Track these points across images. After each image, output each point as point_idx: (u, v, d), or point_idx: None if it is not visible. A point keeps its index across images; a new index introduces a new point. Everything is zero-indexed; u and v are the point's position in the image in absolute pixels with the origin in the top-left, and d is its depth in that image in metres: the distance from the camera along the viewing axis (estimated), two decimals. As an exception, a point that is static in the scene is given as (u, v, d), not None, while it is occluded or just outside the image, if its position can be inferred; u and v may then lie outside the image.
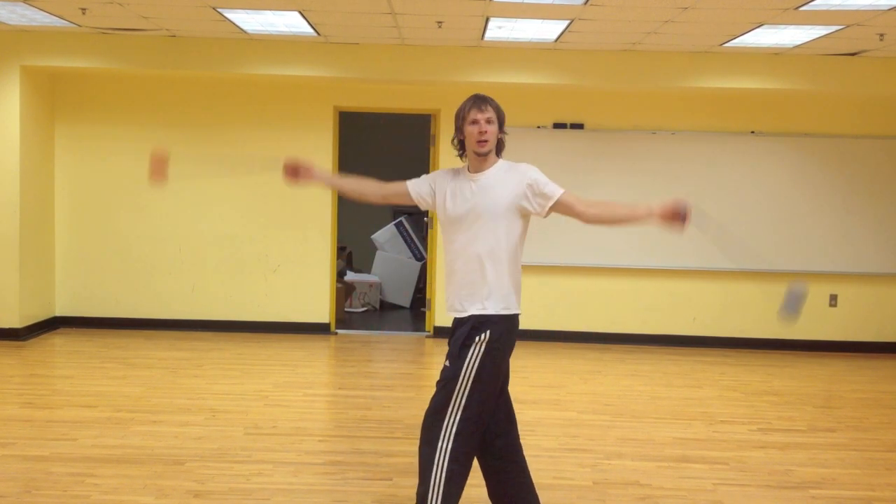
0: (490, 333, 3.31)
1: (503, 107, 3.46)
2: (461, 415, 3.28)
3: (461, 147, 3.46)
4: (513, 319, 3.39)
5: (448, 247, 3.47)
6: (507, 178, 3.39)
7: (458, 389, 3.29)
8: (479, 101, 3.40)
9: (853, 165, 8.36)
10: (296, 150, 8.40)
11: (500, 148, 3.46)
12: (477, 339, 3.31)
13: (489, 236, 3.35)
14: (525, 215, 3.41)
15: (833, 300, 8.52)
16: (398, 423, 5.50)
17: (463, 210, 3.39)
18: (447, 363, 3.38)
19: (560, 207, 3.37)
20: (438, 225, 3.58)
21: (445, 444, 3.27)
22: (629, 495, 4.29)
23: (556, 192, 3.36)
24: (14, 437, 4.99)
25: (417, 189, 3.54)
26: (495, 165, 3.43)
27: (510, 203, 3.36)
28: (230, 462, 4.61)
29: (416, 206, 3.60)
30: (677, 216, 3.25)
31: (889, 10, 5.86)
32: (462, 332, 3.34)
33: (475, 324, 3.33)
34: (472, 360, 3.29)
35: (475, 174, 3.43)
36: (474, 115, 3.36)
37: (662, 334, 8.54)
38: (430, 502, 3.25)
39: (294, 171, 3.53)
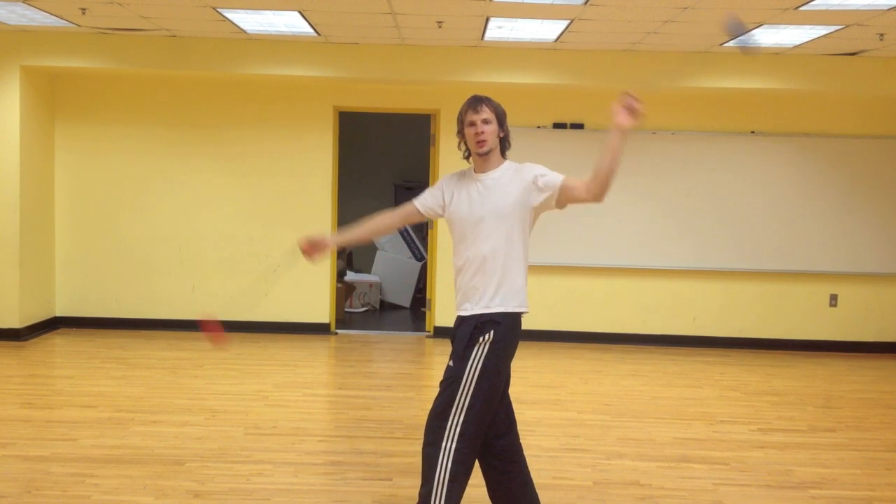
0: (494, 333, 3.31)
1: (503, 107, 3.47)
2: (465, 415, 3.27)
3: (467, 149, 3.48)
4: (516, 318, 3.39)
5: (455, 246, 3.49)
6: (514, 178, 3.39)
7: (462, 390, 3.28)
8: (474, 102, 3.41)
9: (853, 165, 8.36)
10: (296, 150, 8.46)
11: (504, 146, 3.47)
12: (481, 339, 3.30)
13: (494, 236, 3.35)
14: (533, 214, 3.41)
15: (833, 300, 8.52)
16: (398, 423, 5.50)
17: (469, 210, 3.40)
18: (451, 363, 3.38)
19: (566, 194, 3.35)
20: (439, 225, 3.59)
21: (449, 445, 3.27)
22: (629, 495, 4.29)
23: (557, 179, 3.36)
24: (14, 437, 4.98)
25: (425, 203, 3.56)
26: (501, 166, 3.44)
27: (516, 203, 3.36)
28: (230, 462, 4.61)
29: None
30: (628, 111, 3.32)
31: (889, 10, 5.86)
32: (465, 332, 3.34)
33: (478, 323, 3.33)
34: (476, 360, 3.29)
35: (481, 175, 3.44)
36: (471, 116, 3.38)
37: (662, 334, 8.54)
38: (434, 503, 3.25)
39: (310, 248, 3.56)
